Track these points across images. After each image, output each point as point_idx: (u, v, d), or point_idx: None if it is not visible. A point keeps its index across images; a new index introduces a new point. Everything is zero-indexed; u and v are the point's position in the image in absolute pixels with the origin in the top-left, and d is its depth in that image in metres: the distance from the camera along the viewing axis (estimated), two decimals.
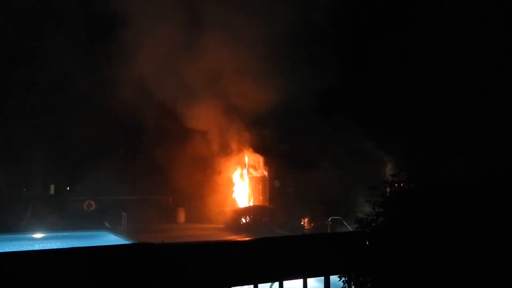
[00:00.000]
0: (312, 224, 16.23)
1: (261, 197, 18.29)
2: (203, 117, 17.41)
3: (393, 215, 4.32)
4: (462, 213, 4.05)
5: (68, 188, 22.24)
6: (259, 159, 18.45)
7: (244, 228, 15.43)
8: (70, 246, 3.25)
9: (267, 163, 18.32)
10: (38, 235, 14.68)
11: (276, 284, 3.73)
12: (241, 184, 18.62)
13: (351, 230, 12.07)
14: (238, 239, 11.42)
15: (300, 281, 3.85)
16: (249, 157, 18.61)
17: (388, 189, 5.03)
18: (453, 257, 3.89)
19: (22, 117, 18.51)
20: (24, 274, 2.93)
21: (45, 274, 2.98)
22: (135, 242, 11.49)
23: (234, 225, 15.77)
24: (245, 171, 18.68)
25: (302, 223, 16.17)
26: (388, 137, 15.75)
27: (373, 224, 4.38)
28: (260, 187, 18.42)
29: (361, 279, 4.12)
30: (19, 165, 20.15)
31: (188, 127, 17.31)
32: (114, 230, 15.02)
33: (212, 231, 15.80)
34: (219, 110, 17.61)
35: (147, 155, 17.94)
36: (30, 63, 16.63)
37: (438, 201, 4.22)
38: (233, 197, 18.37)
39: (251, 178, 18.68)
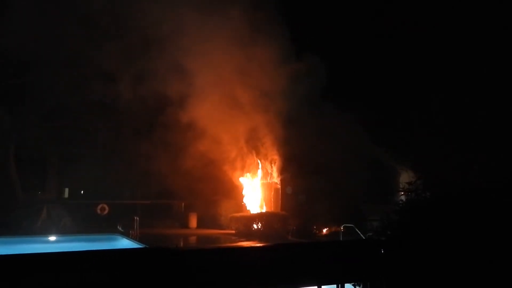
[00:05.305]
0: (324, 232, 16.11)
1: (273, 204, 18.23)
2: (216, 124, 17.50)
3: (409, 223, 4.26)
4: (480, 223, 3.97)
5: (82, 191, 22.51)
6: (271, 165, 18.43)
7: (256, 235, 15.38)
8: (84, 249, 3.26)
9: (279, 170, 18.29)
10: (52, 238, 14.83)
11: None
12: (253, 190, 18.60)
13: (364, 237, 11.97)
14: (251, 245, 11.38)
15: None
16: (262, 164, 18.61)
17: (403, 197, 4.97)
18: (471, 268, 3.82)
19: (37, 121, 18.80)
20: (38, 277, 2.95)
21: (59, 276, 2.99)
22: (147, 246, 11.55)
23: (246, 231, 15.72)
24: (257, 178, 18.67)
25: (314, 230, 16.05)
26: (403, 145, 15.61)
27: (388, 232, 4.32)
28: (272, 193, 18.36)
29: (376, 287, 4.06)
30: (35, 169, 20.47)
31: (202, 134, 17.40)
32: (126, 234, 15.10)
33: (224, 236, 15.78)
34: (233, 118, 17.69)
35: (161, 160, 18.03)
36: (46, 67, 16.89)
37: (455, 210, 4.15)
38: (245, 203, 18.35)
39: (263, 185, 18.65)
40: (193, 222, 18.46)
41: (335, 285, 3.90)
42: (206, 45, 16.69)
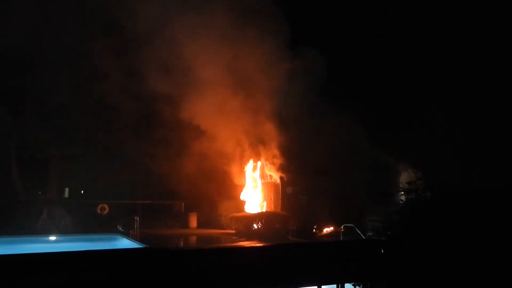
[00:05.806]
0: (324, 232, 16.11)
1: (273, 204, 18.22)
2: (217, 124, 17.50)
3: (410, 223, 4.26)
4: (481, 223, 3.97)
5: (82, 191, 22.51)
6: (272, 165, 18.43)
7: (256, 234, 15.37)
8: (84, 249, 3.26)
9: (280, 170, 18.29)
10: (53, 238, 14.83)
11: None
12: (254, 190, 18.59)
13: (364, 237, 11.98)
14: (251, 245, 11.38)
15: None
16: (262, 163, 18.61)
17: (403, 197, 4.97)
18: (471, 268, 3.82)
19: (38, 121, 18.80)
20: (39, 276, 2.95)
21: (59, 276, 2.99)
22: (147, 246, 11.55)
23: (246, 231, 15.72)
24: (258, 177, 18.66)
25: (314, 230, 16.06)
26: (403, 145, 15.62)
27: (389, 232, 4.32)
28: (273, 193, 18.35)
29: (376, 287, 4.06)
30: (35, 168, 20.47)
31: (202, 133, 17.41)
32: (127, 234, 15.10)
33: (224, 237, 15.78)
34: (233, 117, 17.70)
35: (161, 160, 18.04)
36: (46, 67, 16.89)
37: (456, 210, 4.15)
38: (245, 203, 18.34)
39: (264, 184, 18.64)
40: (194, 222, 18.45)
41: (335, 285, 3.90)
42: (208, 43, 16.70)
